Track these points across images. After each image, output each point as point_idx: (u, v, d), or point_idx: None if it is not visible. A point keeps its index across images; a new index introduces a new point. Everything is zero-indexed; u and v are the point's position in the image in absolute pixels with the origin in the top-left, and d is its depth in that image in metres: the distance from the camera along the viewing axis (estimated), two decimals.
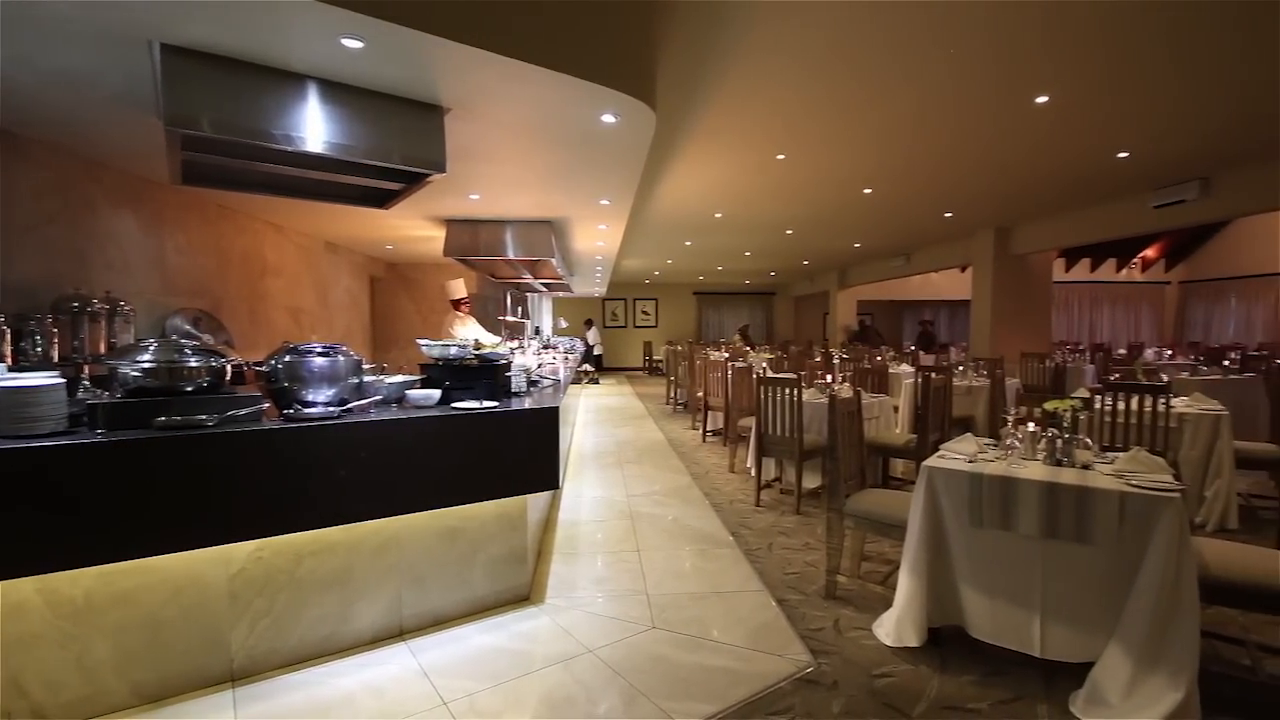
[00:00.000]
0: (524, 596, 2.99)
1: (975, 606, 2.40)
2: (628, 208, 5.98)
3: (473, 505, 2.75)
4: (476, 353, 3.18)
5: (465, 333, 6.29)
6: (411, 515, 2.60)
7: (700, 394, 7.56)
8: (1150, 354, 9.28)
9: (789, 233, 10.34)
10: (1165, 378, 5.20)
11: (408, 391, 2.81)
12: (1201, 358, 8.40)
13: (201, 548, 2.16)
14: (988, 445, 2.72)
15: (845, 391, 4.00)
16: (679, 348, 11.71)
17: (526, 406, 2.87)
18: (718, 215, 8.76)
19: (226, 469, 2.11)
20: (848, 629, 2.70)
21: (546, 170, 4.46)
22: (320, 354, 2.40)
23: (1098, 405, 3.91)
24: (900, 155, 5.92)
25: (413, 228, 6.68)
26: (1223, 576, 2.11)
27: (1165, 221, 7.52)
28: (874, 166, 6.33)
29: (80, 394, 2.41)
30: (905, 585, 2.52)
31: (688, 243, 11.40)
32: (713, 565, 3.46)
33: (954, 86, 4.25)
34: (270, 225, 6.38)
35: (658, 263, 14.59)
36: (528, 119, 3.36)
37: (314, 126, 2.70)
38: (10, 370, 2.25)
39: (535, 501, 3.29)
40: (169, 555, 2.11)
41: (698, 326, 20.28)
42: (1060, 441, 2.48)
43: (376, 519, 2.48)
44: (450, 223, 6.29)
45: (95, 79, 2.70)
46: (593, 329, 17.07)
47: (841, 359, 8.17)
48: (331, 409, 2.38)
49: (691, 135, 5.27)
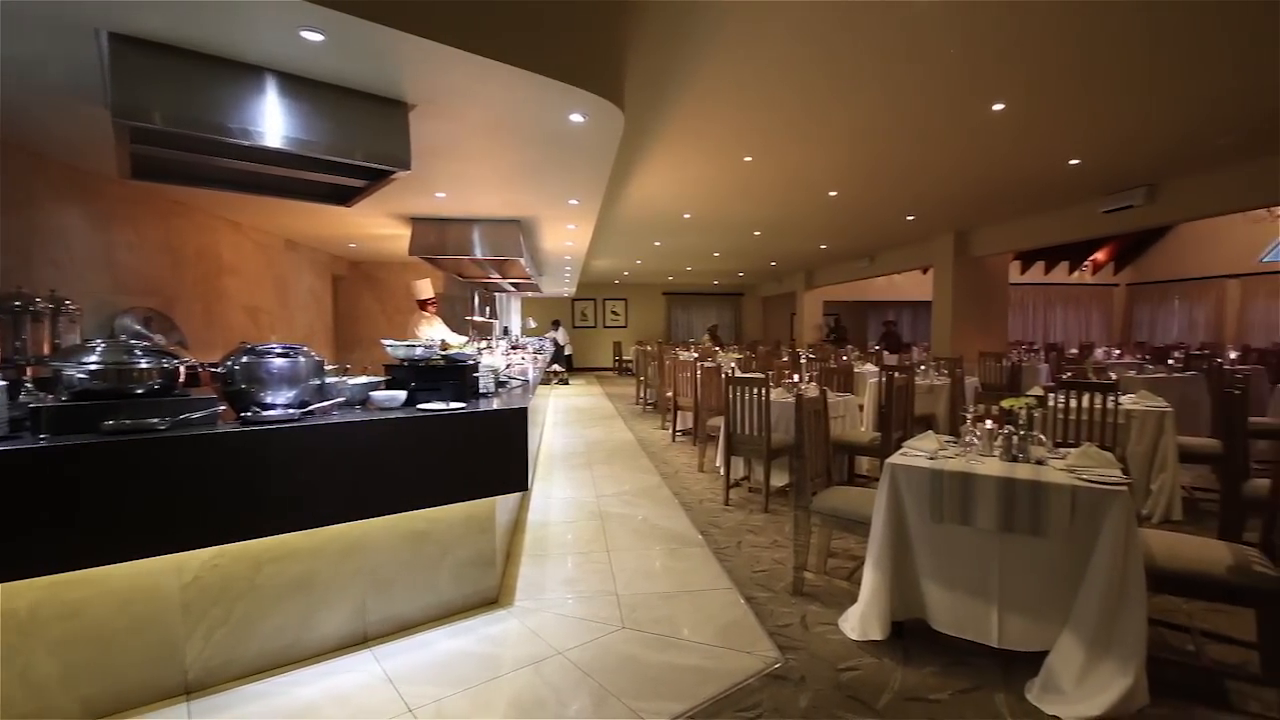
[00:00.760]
0: (492, 599, 2.96)
1: (936, 599, 2.46)
2: (596, 207, 5.97)
3: (440, 508, 2.71)
4: (443, 353, 3.14)
5: (431, 333, 6.19)
6: (376, 519, 2.55)
7: (670, 394, 7.59)
8: (1100, 353, 9.65)
9: (757, 234, 10.46)
10: (1114, 376, 5.42)
11: (372, 393, 2.75)
12: (1147, 357, 8.78)
13: (153, 556, 2.07)
14: (948, 442, 2.80)
15: (812, 391, 4.07)
16: (649, 348, 11.74)
17: (494, 407, 2.84)
18: (686, 216, 8.81)
19: (179, 474, 2.03)
20: (814, 624, 2.74)
21: (514, 169, 4.43)
22: (280, 355, 2.33)
23: (1051, 403, 4.05)
24: (864, 159, 6.05)
25: (377, 226, 6.55)
26: (1168, 566, 2.20)
27: (1113, 226, 7.86)
28: (839, 169, 6.45)
29: (22, 397, 2.29)
30: (869, 580, 2.58)
31: (657, 243, 11.44)
32: (682, 564, 3.48)
33: (915, 93, 4.36)
34: (227, 222, 6.18)
35: (627, 263, 14.60)
36: (495, 117, 3.33)
37: (273, 121, 2.62)
38: None
39: (504, 503, 3.26)
40: (119, 565, 2.03)
41: (667, 326, 20.35)
42: (1016, 438, 2.56)
43: (340, 524, 2.43)
44: (416, 221, 6.19)
45: (38, 68, 2.58)
46: (560, 329, 16.98)
47: (809, 359, 8.30)
48: (292, 411, 2.31)
49: (660, 136, 5.28)
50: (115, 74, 2.30)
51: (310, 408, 2.39)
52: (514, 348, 8.13)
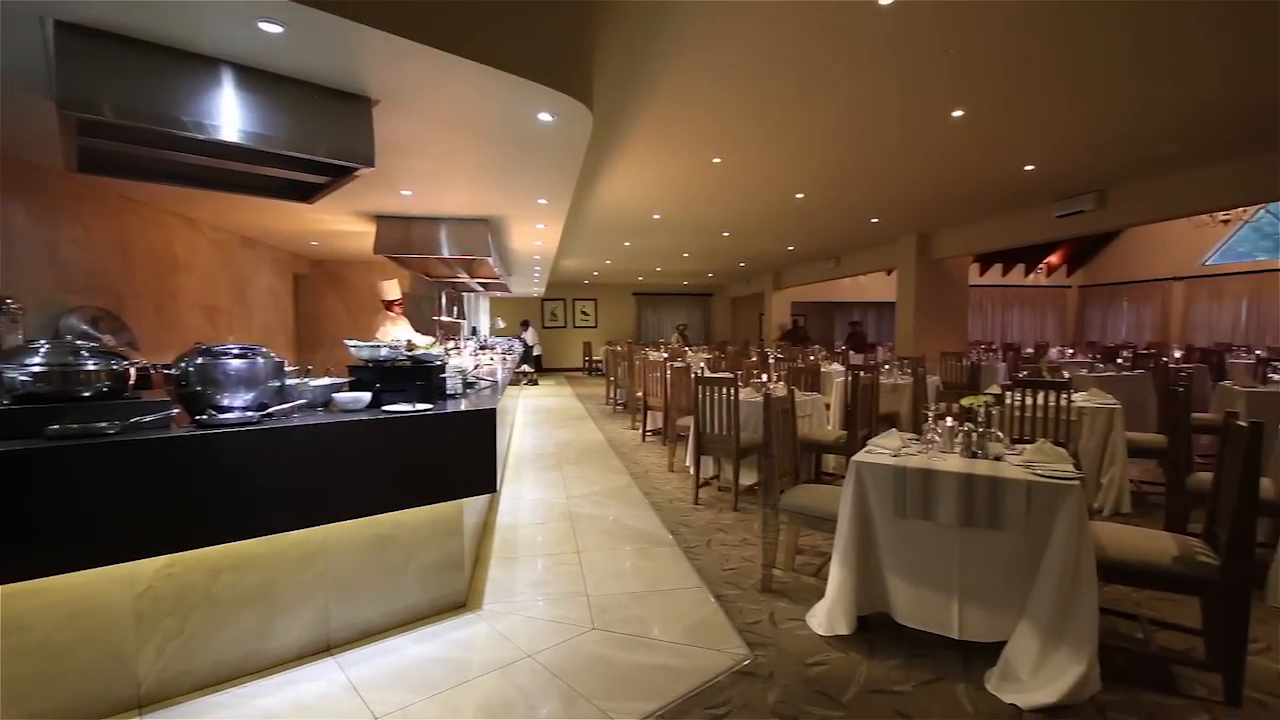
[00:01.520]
0: (460, 603, 2.92)
1: (900, 593, 2.52)
2: (566, 207, 5.94)
3: (406, 511, 2.67)
4: (409, 354, 3.09)
5: (397, 334, 6.08)
6: (340, 524, 2.49)
7: (640, 394, 7.60)
8: (1054, 352, 10.00)
9: (726, 235, 10.55)
10: (1067, 375, 5.62)
11: (335, 395, 2.69)
12: (1098, 356, 9.13)
13: (102, 566, 1.99)
14: (911, 440, 2.87)
15: (780, 390, 4.12)
16: (618, 348, 11.73)
17: (462, 408, 2.80)
18: (656, 216, 8.83)
19: (130, 480, 1.96)
20: (783, 621, 2.78)
21: (482, 168, 4.38)
22: (237, 355, 2.26)
23: (1008, 401, 4.18)
24: (830, 162, 6.16)
25: (340, 223, 6.40)
26: (1118, 557, 2.29)
27: (1066, 230, 8.16)
28: (806, 172, 6.54)
29: None
30: (836, 576, 2.62)
31: (627, 243, 11.45)
32: (653, 564, 3.48)
33: (879, 98, 4.45)
34: (180, 218, 5.97)
35: (597, 263, 14.57)
36: (461, 114, 3.29)
37: (229, 114, 2.54)
38: None
39: (472, 506, 3.22)
40: (66, 575, 1.94)
41: (637, 327, 20.37)
42: (975, 435, 2.64)
43: (301, 529, 2.37)
44: (381, 219, 6.07)
45: None
46: (530, 329, 16.85)
47: (776, 358, 8.40)
48: (250, 414, 2.24)
49: (630, 136, 5.29)
50: (61, 64, 2.20)
51: (270, 410, 2.32)
52: (482, 348, 8.03)
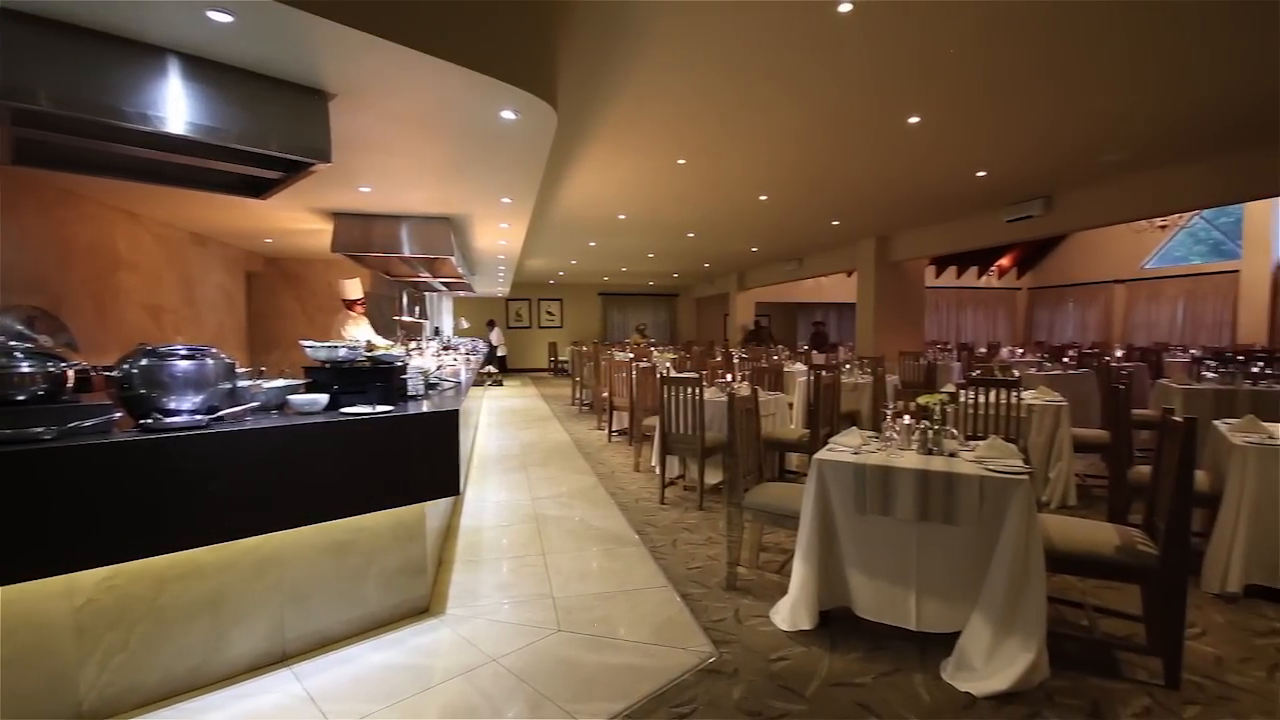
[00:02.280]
0: (423, 609, 2.87)
1: (860, 587, 2.57)
2: (530, 206, 5.89)
3: (366, 516, 2.60)
4: (369, 354, 3.01)
5: (358, 334, 5.93)
6: (295, 530, 2.42)
7: (605, 394, 7.59)
8: (1005, 352, 10.37)
9: (690, 236, 10.62)
10: (1016, 373, 5.83)
11: (290, 397, 2.61)
12: (1046, 355, 9.49)
13: (39, 579, 1.89)
14: (870, 438, 2.93)
15: (744, 390, 4.17)
16: (584, 348, 11.69)
17: (424, 410, 2.75)
18: (621, 217, 8.83)
19: (68, 488, 1.86)
20: (747, 618, 2.81)
21: (444, 165, 4.31)
22: (184, 356, 2.17)
23: (962, 399, 4.32)
24: (791, 165, 6.26)
25: (296, 220, 6.21)
26: (1064, 548, 2.39)
27: (1016, 234, 8.48)
28: (768, 175, 6.64)
29: None
30: (799, 572, 2.67)
31: (592, 243, 11.42)
32: (619, 564, 3.48)
33: (839, 103, 4.55)
34: (124, 213, 5.70)
35: (562, 263, 14.49)
36: (422, 110, 3.23)
37: (175, 105, 2.44)
38: None
39: (435, 509, 3.17)
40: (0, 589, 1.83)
41: (603, 327, 20.34)
42: (931, 433, 2.71)
43: (253, 536, 2.29)
44: (339, 216, 5.91)
45: None
46: (495, 329, 16.66)
47: (741, 358, 8.49)
48: (198, 417, 2.16)
49: (595, 136, 5.28)
50: None
51: (220, 413, 2.24)
52: (445, 349, 7.90)
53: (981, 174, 6.62)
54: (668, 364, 7.85)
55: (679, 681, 2.30)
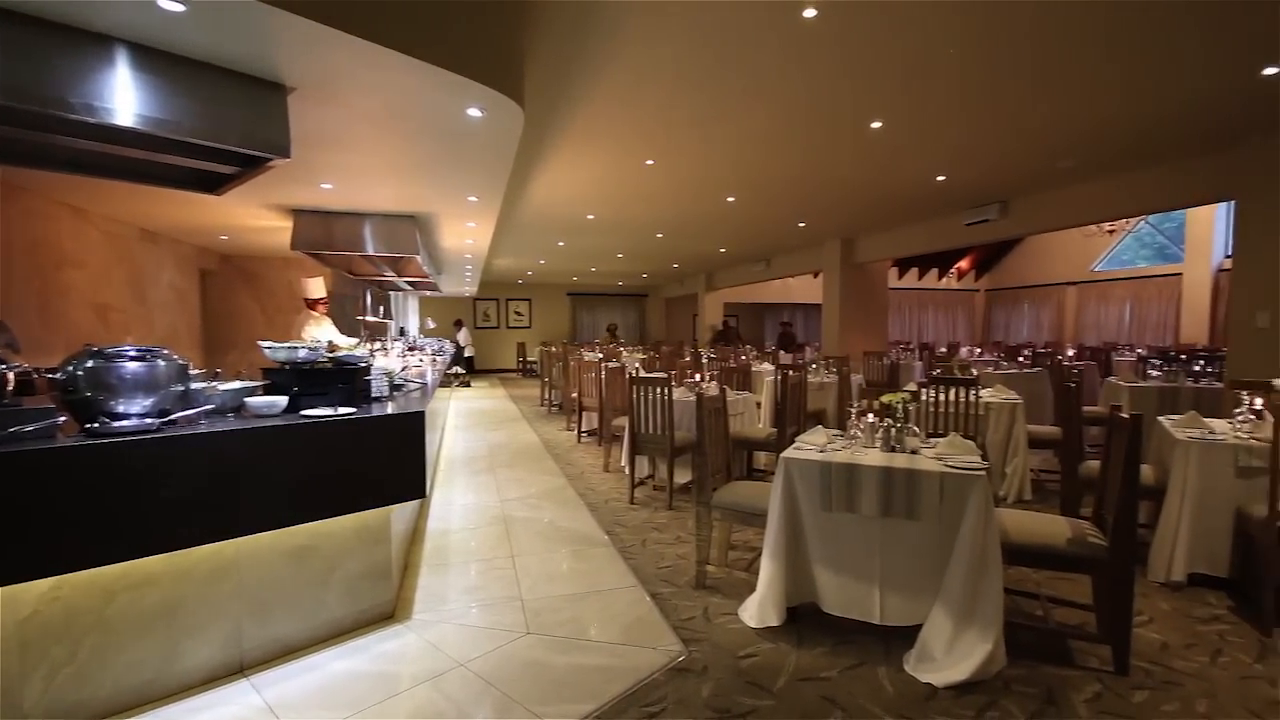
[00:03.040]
0: (388, 614, 2.81)
1: (826, 583, 2.62)
2: (497, 205, 5.83)
3: (328, 520, 2.54)
4: (331, 355, 2.94)
5: (320, 335, 5.78)
6: (254, 536, 2.34)
7: (575, 395, 7.56)
8: (964, 352, 10.67)
9: (659, 236, 10.65)
10: (975, 372, 6.01)
11: (247, 399, 2.53)
12: (1002, 354, 9.81)
13: None
14: (836, 436, 2.98)
15: (712, 390, 4.20)
16: (553, 349, 11.62)
17: (389, 412, 2.70)
18: (590, 217, 8.81)
19: (7, 497, 1.77)
20: (716, 616, 2.83)
21: (409, 162, 4.23)
22: (134, 358, 2.08)
23: (924, 397, 4.43)
24: (759, 167, 6.33)
25: (253, 217, 6.02)
26: (1020, 541, 2.47)
27: (974, 237, 8.74)
28: (736, 176, 6.70)
29: None
30: (766, 569, 2.70)
31: (561, 243, 11.36)
32: (588, 565, 3.47)
33: (805, 107, 4.62)
34: (69, 208, 5.45)
35: (530, 263, 14.38)
36: (385, 106, 3.17)
37: (124, 97, 2.34)
38: None
39: (400, 512, 3.11)
40: None
41: (572, 327, 20.25)
42: (894, 431, 2.78)
43: (209, 544, 2.21)
44: (299, 213, 5.75)
45: None
46: (463, 330, 16.43)
47: (709, 358, 8.55)
48: (149, 421, 2.07)
49: (564, 135, 5.25)
50: None
51: (172, 417, 2.16)
52: (411, 349, 7.76)
53: (941, 178, 6.80)
54: (637, 364, 7.85)
55: (649, 681, 2.30)
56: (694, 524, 3.24)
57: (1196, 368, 6.45)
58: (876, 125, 4.99)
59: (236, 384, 2.65)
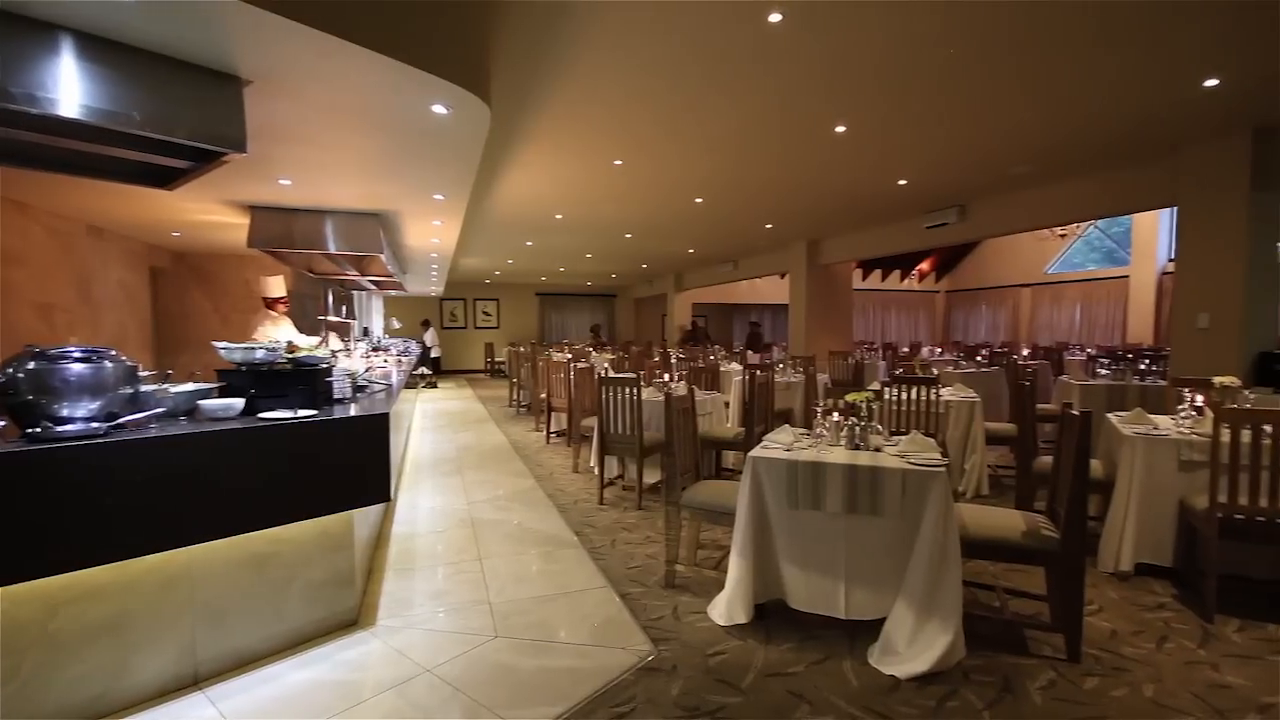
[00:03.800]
0: (351, 621, 2.75)
1: (793, 580, 2.65)
2: (464, 203, 5.75)
3: (288, 526, 2.47)
4: (290, 356, 2.86)
5: (278, 335, 5.61)
6: (208, 544, 2.26)
7: (543, 396, 7.51)
8: (926, 351, 10.94)
9: (628, 236, 10.65)
10: (935, 371, 6.17)
11: (201, 402, 2.44)
12: (962, 354, 10.09)
13: None
14: (802, 434, 3.03)
15: (681, 390, 4.22)
16: (522, 349, 11.52)
17: (352, 414, 2.64)
18: (558, 216, 8.76)
19: None
20: (685, 614, 2.84)
21: (372, 158, 4.14)
22: (78, 359, 1.99)
23: (887, 396, 4.53)
24: (726, 169, 6.38)
25: (207, 212, 5.82)
26: (978, 535, 2.55)
27: (933, 239, 8.97)
28: (703, 177, 6.74)
29: None
30: (735, 567, 2.72)
31: (529, 243, 11.26)
32: (557, 566, 3.45)
33: (771, 110, 4.67)
34: (10, 202, 5.19)
35: (498, 262, 14.23)
36: (346, 100, 3.09)
37: (68, 87, 2.23)
38: None
39: (364, 516, 3.04)
40: None
41: (541, 327, 20.11)
42: (858, 429, 2.83)
43: (159, 552, 2.13)
44: (256, 209, 5.57)
45: None
46: (430, 330, 16.17)
47: (678, 358, 8.58)
48: (95, 425, 1.99)
49: (531, 135, 5.21)
50: None
51: (120, 420, 2.07)
52: (376, 349, 7.60)
53: (903, 182, 6.97)
54: (606, 364, 7.84)
55: (618, 681, 2.30)
56: (663, 523, 3.25)
57: (1142, 366, 6.74)
58: (841, 129, 5.09)
59: (190, 386, 2.56)
